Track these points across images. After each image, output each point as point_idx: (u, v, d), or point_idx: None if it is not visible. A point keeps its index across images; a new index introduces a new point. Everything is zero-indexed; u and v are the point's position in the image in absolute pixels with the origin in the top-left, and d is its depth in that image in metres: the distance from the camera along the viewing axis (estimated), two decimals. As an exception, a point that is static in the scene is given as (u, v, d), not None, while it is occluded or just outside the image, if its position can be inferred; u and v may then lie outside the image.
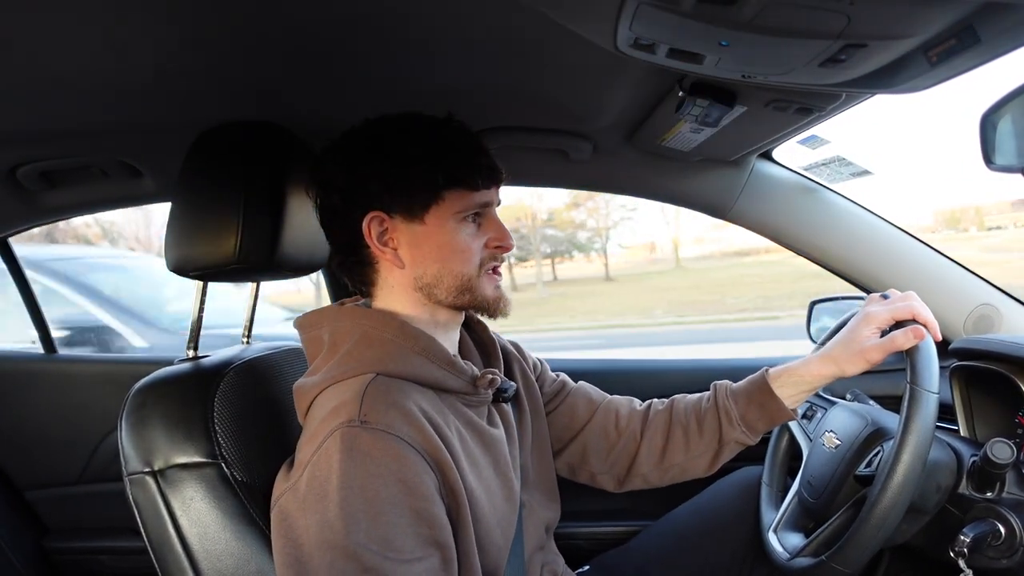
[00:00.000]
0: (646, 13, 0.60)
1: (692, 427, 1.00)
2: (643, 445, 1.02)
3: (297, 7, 0.72)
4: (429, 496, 0.70)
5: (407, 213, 0.80)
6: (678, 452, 1.00)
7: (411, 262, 0.82)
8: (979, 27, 0.59)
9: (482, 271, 0.83)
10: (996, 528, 0.86)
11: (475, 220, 0.83)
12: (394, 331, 0.79)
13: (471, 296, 0.83)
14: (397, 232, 0.81)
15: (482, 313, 0.86)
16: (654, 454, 1.01)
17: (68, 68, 0.82)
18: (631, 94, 1.00)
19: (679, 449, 1.00)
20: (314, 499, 0.68)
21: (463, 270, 0.82)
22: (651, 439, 1.02)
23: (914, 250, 1.32)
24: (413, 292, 0.83)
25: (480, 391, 0.84)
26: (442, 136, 0.81)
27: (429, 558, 0.68)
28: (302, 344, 0.85)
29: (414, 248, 0.81)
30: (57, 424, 1.65)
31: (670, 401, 1.05)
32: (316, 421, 0.74)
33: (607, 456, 1.04)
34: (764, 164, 1.32)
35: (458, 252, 0.81)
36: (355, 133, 0.82)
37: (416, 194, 0.79)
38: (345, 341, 0.79)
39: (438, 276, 0.82)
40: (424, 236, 0.81)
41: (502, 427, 0.90)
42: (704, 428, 0.99)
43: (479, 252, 0.83)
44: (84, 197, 1.35)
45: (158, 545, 0.80)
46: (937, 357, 0.85)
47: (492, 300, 0.84)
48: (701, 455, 1.00)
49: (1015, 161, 0.80)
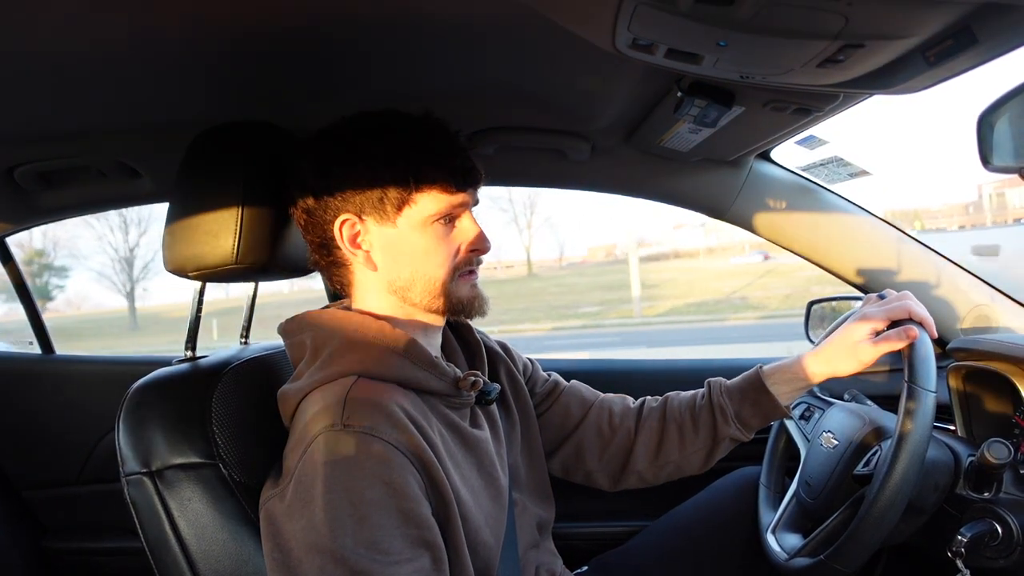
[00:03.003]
0: (644, 13, 0.60)
1: (687, 424, 1.00)
2: (638, 442, 1.02)
3: (297, 7, 0.72)
4: (415, 497, 0.70)
5: (378, 216, 0.79)
6: (673, 449, 1.01)
7: (384, 265, 0.81)
8: (977, 28, 0.59)
9: (457, 275, 0.81)
10: (993, 528, 0.86)
11: (449, 223, 0.81)
12: (375, 333, 0.79)
13: (446, 300, 0.81)
14: (369, 235, 0.80)
15: (458, 316, 0.84)
16: (649, 451, 1.02)
17: (66, 68, 0.82)
18: (629, 94, 1.00)
19: (674, 446, 1.01)
20: (300, 504, 0.68)
21: (436, 274, 0.80)
22: (646, 436, 1.02)
23: (912, 250, 1.33)
24: (388, 295, 0.83)
25: (462, 393, 0.84)
26: (413, 137, 0.78)
27: (419, 559, 0.68)
28: (287, 350, 0.85)
29: (386, 251, 0.80)
30: (55, 424, 1.65)
31: (664, 399, 1.05)
32: (301, 426, 0.74)
33: (602, 454, 1.04)
34: (762, 164, 1.33)
35: (431, 256, 0.80)
36: (327, 132, 0.81)
37: (386, 197, 0.78)
38: (327, 345, 0.79)
39: (411, 280, 0.81)
40: (396, 239, 0.80)
41: (486, 428, 0.90)
42: (699, 425, 0.99)
43: (453, 256, 0.81)
44: (82, 197, 1.35)
45: (156, 546, 0.80)
46: (934, 356, 0.86)
47: (467, 301, 0.83)
48: (696, 452, 1.00)
49: (1012, 161, 0.80)
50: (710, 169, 1.30)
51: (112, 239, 24.50)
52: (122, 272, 24.92)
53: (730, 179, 1.32)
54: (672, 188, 1.37)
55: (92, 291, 45.06)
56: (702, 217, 1.79)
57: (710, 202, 1.37)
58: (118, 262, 24.95)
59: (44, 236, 24.22)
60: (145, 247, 25.50)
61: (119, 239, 24.80)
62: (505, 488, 0.89)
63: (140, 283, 28.01)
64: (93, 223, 24.50)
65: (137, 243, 25.28)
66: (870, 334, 0.89)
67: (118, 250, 24.87)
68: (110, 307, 25.82)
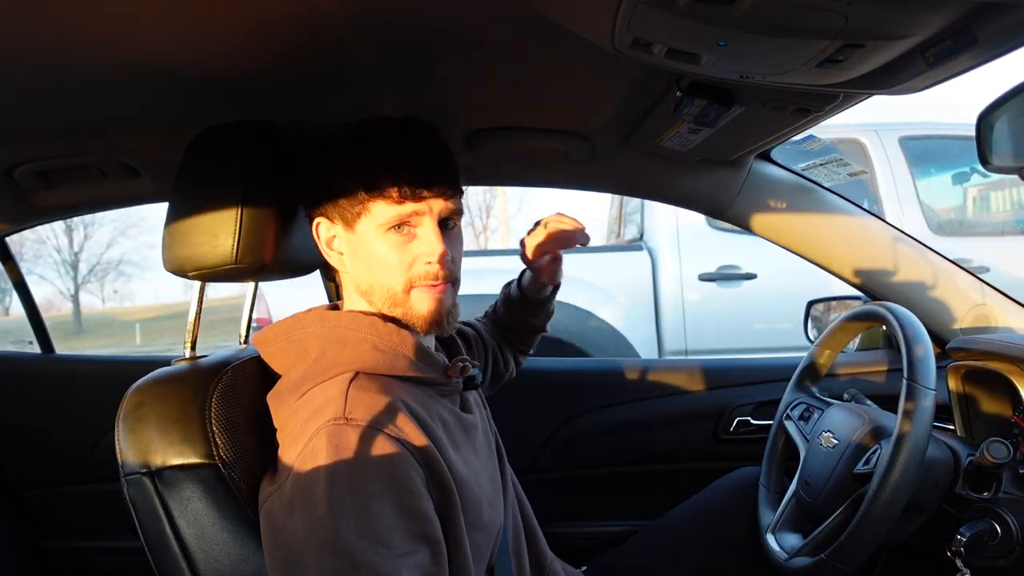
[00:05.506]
0: (644, 13, 0.60)
1: (499, 306, 1.21)
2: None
3: (296, 7, 0.72)
4: (417, 491, 0.70)
5: (343, 221, 0.81)
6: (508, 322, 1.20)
7: (351, 269, 0.83)
8: (976, 28, 0.59)
9: (410, 286, 0.80)
10: (993, 527, 0.86)
11: (406, 232, 0.80)
12: (366, 329, 0.79)
13: (403, 311, 0.81)
14: (340, 238, 0.83)
15: (417, 328, 0.82)
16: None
17: (65, 67, 0.82)
18: (629, 94, 1.00)
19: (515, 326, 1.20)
20: (301, 498, 0.68)
21: (389, 283, 0.80)
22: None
23: (911, 250, 1.33)
24: (362, 296, 0.84)
25: (451, 380, 0.85)
26: (373, 144, 0.79)
27: (419, 552, 0.68)
28: (267, 359, 0.85)
29: (351, 255, 0.83)
30: (54, 424, 1.64)
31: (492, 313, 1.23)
32: (298, 424, 0.74)
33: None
34: (762, 164, 1.33)
35: (384, 265, 0.80)
36: (321, 140, 0.84)
37: (345, 204, 0.80)
38: (316, 346, 0.79)
39: (371, 285, 0.82)
40: (357, 245, 0.81)
41: (476, 411, 0.92)
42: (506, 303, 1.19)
43: (407, 267, 0.80)
44: (82, 197, 1.35)
45: (155, 546, 0.80)
46: (934, 356, 0.86)
47: (425, 315, 0.81)
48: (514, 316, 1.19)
49: (1012, 161, 0.80)
50: (710, 169, 1.30)
51: (56, 243, 24.29)
52: (66, 275, 24.74)
53: (730, 179, 1.32)
54: (672, 188, 1.37)
55: (38, 293, 44.73)
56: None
57: (710, 202, 1.37)
58: (62, 264, 24.78)
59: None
60: (88, 251, 25.32)
61: (64, 242, 24.58)
62: (497, 468, 0.93)
63: (110, 285, 28.03)
64: (36, 228, 24.26)
65: (82, 247, 25.13)
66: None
67: (61, 252, 24.68)
68: (61, 310, 25.57)
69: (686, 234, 2.98)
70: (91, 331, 23.10)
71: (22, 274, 1.67)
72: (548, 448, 1.49)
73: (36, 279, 22.15)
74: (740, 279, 2.93)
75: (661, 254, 2.99)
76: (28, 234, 12.48)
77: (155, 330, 20.32)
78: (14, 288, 1.68)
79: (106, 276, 26.72)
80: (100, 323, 24.78)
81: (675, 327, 2.92)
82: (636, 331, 2.91)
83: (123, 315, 25.40)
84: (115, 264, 25.93)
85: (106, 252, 25.33)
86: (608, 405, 1.51)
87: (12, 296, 22.96)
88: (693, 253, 2.96)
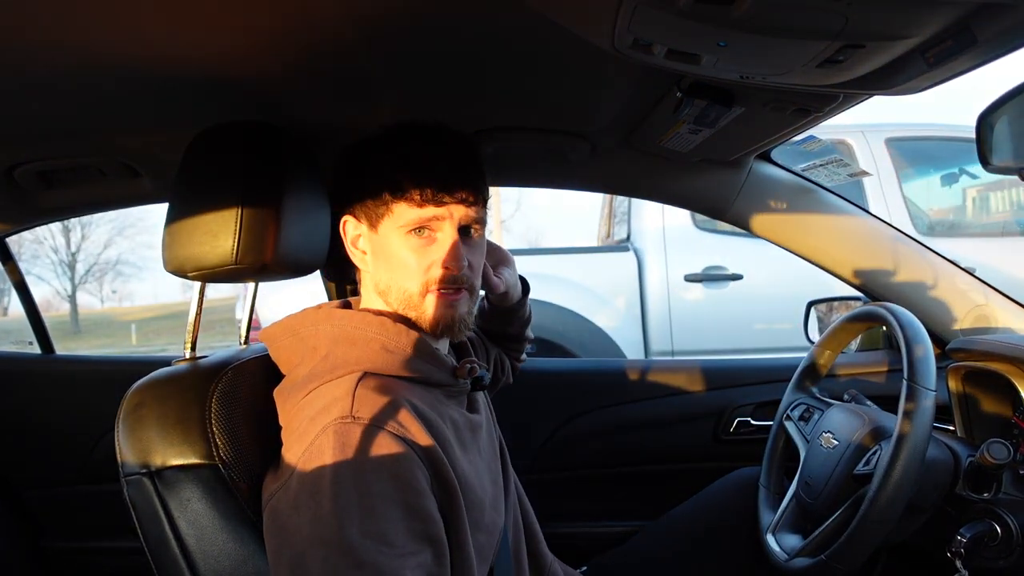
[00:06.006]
0: (644, 13, 0.60)
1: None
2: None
3: (296, 8, 0.72)
4: (421, 491, 0.70)
5: (368, 221, 0.83)
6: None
7: (372, 268, 0.85)
8: (976, 28, 0.59)
9: (426, 290, 0.81)
10: (993, 528, 0.86)
11: (427, 236, 0.81)
12: (376, 329, 0.80)
13: (416, 313, 0.82)
14: (364, 237, 0.85)
15: (430, 333, 0.83)
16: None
17: (66, 68, 0.82)
18: (629, 95, 1.00)
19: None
20: (306, 496, 0.68)
21: (406, 286, 0.82)
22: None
23: (911, 251, 1.33)
24: (379, 296, 0.85)
25: (459, 381, 0.86)
26: (400, 147, 0.82)
27: (422, 552, 0.68)
28: (272, 355, 0.86)
29: (374, 255, 0.85)
30: (54, 424, 1.64)
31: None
32: (304, 421, 0.74)
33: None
34: (762, 165, 1.33)
35: (402, 267, 0.81)
36: (355, 141, 0.87)
37: (371, 204, 0.82)
38: (325, 344, 0.80)
39: (388, 286, 0.83)
40: (380, 245, 0.83)
41: (482, 412, 0.93)
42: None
43: (422, 271, 0.81)
44: (82, 197, 1.35)
45: (155, 546, 0.80)
46: (934, 356, 0.86)
47: (439, 320, 0.82)
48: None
49: (1012, 161, 0.80)
50: (710, 169, 1.30)
51: (53, 243, 24.29)
52: (63, 276, 24.75)
53: (730, 179, 1.32)
54: (672, 188, 1.37)
55: (36, 294, 44.95)
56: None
57: (710, 202, 1.37)
58: (59, 265, 24.78)
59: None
60: (85, 252, 25.35)
61: (61, 242, 24.59)
62: (500, 469, 0.93)
63: (108, 285, 28.02)
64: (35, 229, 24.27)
65: (79, 247, 25.15)
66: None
67: (59, 252, 24.68)
68: (59, 310, 25.59)
69: (672, 235, 2.99)
70: (88, 331, 23.11)
71: (22, 274, 1.67)
72: (548, 448, 1.49)
73: (33, 279, 22.20)
74: (726, 280, 2.94)
75: (647, 255, 3.00)
76: (25, 234, 12.51)
77: (152, 330, 20.36)
78: (14, 288, 1.68)
79: (104, 276, 26.82)
80: (98, 323, 24.80)
81: (661, 328, 2.93)
82: (622, 332, 2.92)
83: (122, 315, 25.42)
84: (112, 264, 26.06)
85: (103, 252, 25.45)
86: (608, 405, 1.51)
87: (11, 296, 23.30)
88: (679, 254, 2.97)
